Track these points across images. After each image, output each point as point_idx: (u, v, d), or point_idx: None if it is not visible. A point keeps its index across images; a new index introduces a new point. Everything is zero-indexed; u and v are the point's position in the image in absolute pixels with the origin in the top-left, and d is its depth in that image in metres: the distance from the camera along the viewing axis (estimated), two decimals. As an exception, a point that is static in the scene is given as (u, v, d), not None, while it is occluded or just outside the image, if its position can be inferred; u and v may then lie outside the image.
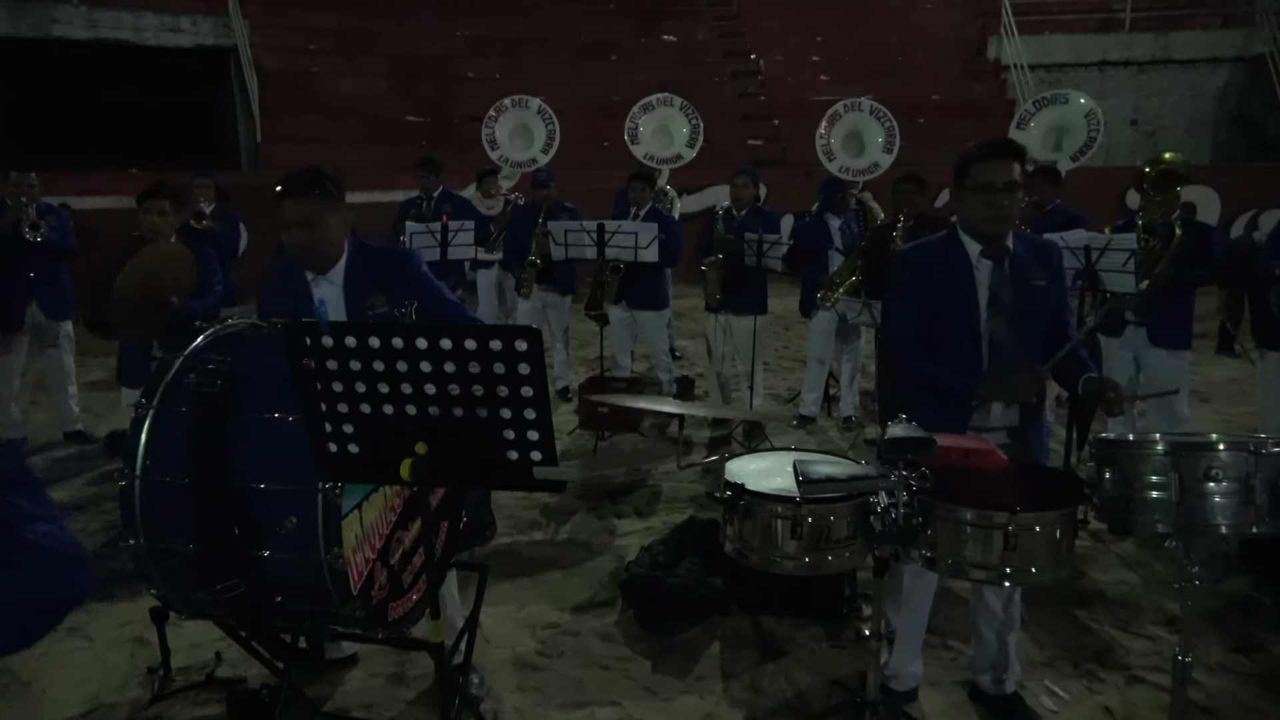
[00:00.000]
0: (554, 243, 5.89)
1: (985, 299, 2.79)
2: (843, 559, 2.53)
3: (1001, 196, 2.70)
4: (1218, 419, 6.32)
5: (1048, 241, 3.02)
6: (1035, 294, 2.80)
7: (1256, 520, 2.11)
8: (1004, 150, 2.75)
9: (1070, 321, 2.96)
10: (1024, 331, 2.79)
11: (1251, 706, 3.08)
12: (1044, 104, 7.75)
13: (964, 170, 2.78)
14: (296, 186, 2.76)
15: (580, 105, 13.83)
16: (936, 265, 2.84)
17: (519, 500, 4.84)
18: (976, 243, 2.80)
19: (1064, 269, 2.94)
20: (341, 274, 2.86)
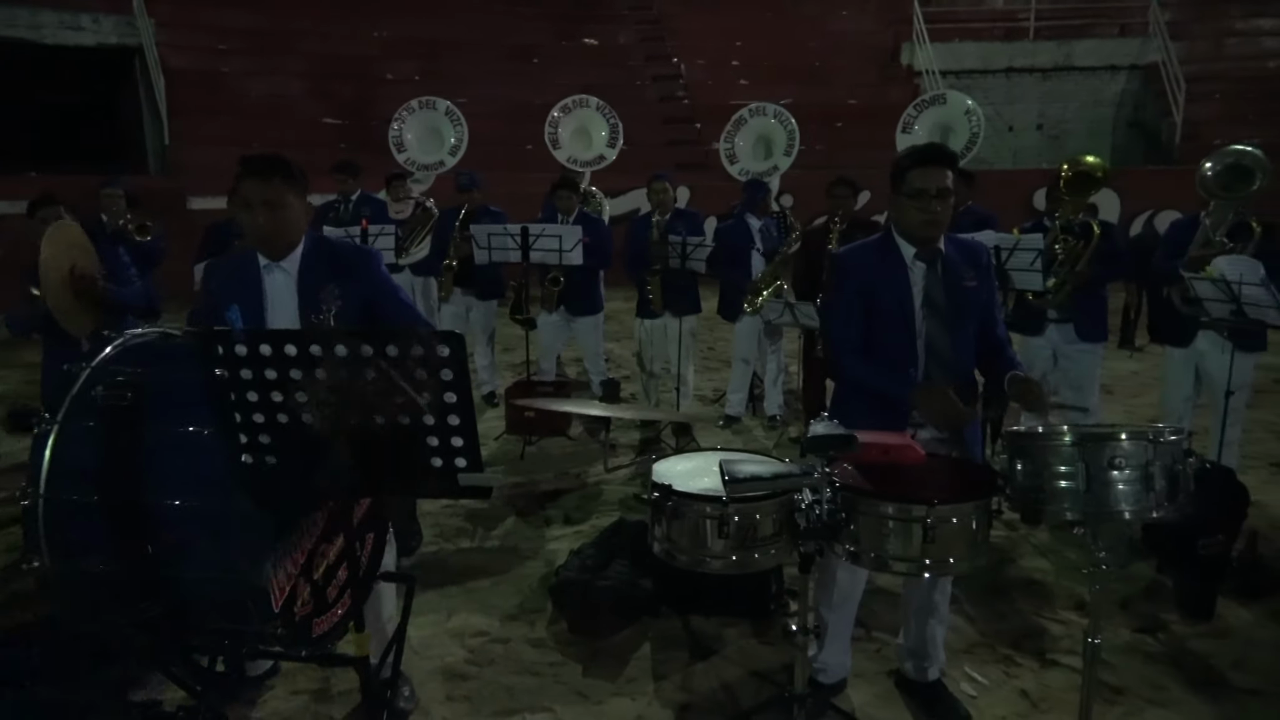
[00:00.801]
0: (476, 246, 5.85)
1: (920, 301, 2.86)
2: (769, 556, 2.56)
3: (934, 202, 2.78)
4: (1121, 410, 6.61)
5: (977, 243, 3.12)
6: (966, 295, 2.89)
7: (1156, 505, 2.22)
8: (936, 157, 2.83)
9: (999, 318, 3.05)
10: (957, 332, 2.88)
11: (1157, 684, 3.23)
12: (924, 106, 8.01)
13: (899, 176, 2.85)
14: (259, 166, 2.69)
15: (502, 108, 13.75)
16: (872, 267, 2.91)
17: (445, 508, 4.78)
18: (911, 245, 2.88)
19: (992, 269, 3.04)
20: (297, 262, 2.78)
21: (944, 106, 8.02)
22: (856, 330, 2.91)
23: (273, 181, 2.68)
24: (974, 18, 16.51)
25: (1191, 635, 3.55)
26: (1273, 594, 3.83)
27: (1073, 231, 4.70)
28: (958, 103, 7.97)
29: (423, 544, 4.39)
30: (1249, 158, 4.38)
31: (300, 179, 2.76)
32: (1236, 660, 3.37)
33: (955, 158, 2.89)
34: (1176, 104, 14.43)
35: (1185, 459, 2.25)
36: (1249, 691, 3.18)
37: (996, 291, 3.06)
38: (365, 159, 8.54)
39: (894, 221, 2.93)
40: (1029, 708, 3.11)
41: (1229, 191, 4.37)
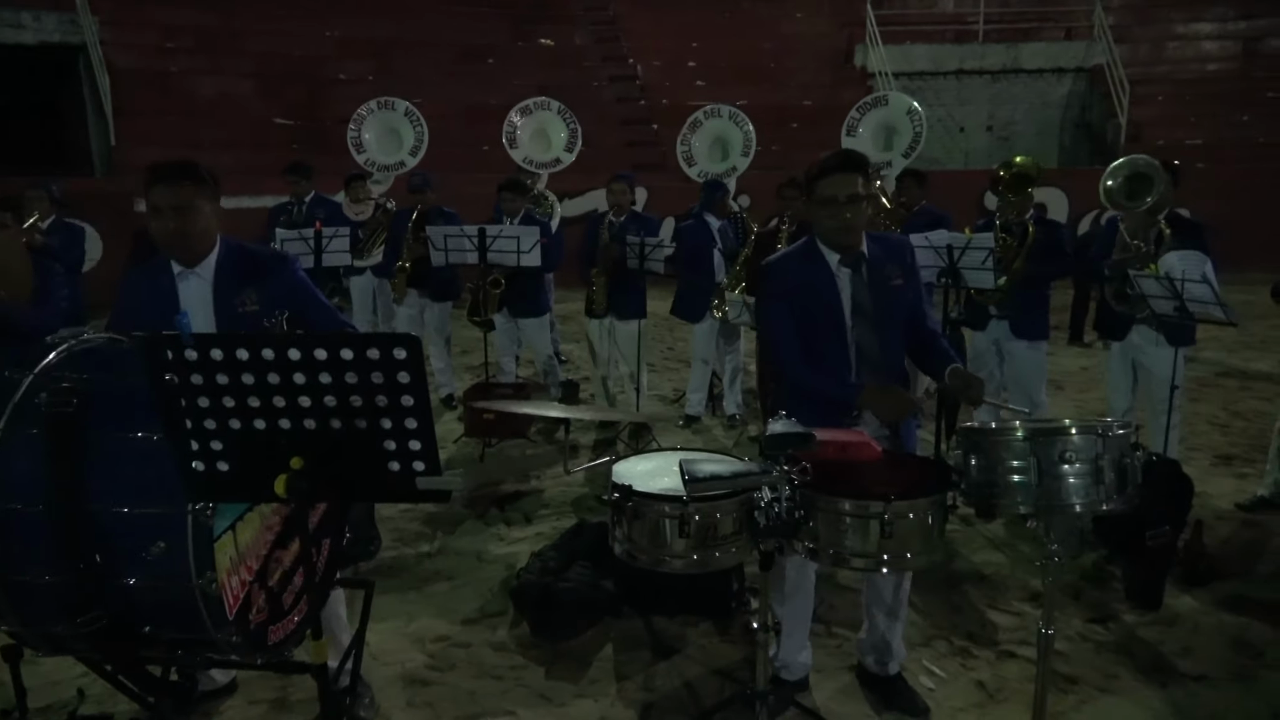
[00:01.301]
0: (433, 248, 5.80)
1: (849, 306, 2.90)
2: (730, 554, 2.58)
3: (844, 209, 2.80)
4: (1070, 405, 6.76)
5: (900, 240, 3.16)
6: (893, 294, 2.93)
7: (1105, 498, 2.27)
8: (845, 164, 2.84)
9: (930, 313, 3.10)
10: (886, 333, 2.92)
11: (1108, 672, 3.31)
12: (867, 109, 8.12)
13: (810, 185, 2.88)
14: (168, 172, 2.65)
15: (457, 109, 13.65)
16: (799, 275, 2.93)
17: (404, 512, 4.73)
18: (834, 251, 2.91)
19: (917, 265, 3.08)
20: (212, 269, 2.75)
21: (886, 108, 8.13)
22: (793, 336, 2.93)
23: (182, 186, 2.65)
24: (925, 20, 16.77)
25: (1141, 624, 3.64)
26: (1218, 582, 3.94)
27: (1010, 231, 4.81)
28: (900, 104, 8.09)
29: (381, 548, 4.33)
30: (1143, 163, 4.52)
31: (211, 183, 2.73)
32: (1184, 647, 3.46)
33: (865, 163, 2.90)
34: (1121, 105, 14.79)
35: (1133, 452, 2.31)
36: (1196, 678, 3.27)
37: (923, 286, 3.10)
38: (318, 160, 8.40)
39: (814, 229, 2.96)
40: (985, 698, 3.17)
41: (1134, 200, 4.49)
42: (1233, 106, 15.11)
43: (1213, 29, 16.59)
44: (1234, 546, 4.33)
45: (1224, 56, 16.29)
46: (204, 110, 13.30)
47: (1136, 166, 4.56)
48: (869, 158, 3.03)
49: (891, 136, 7.89)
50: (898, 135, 7.84)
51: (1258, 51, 16.11)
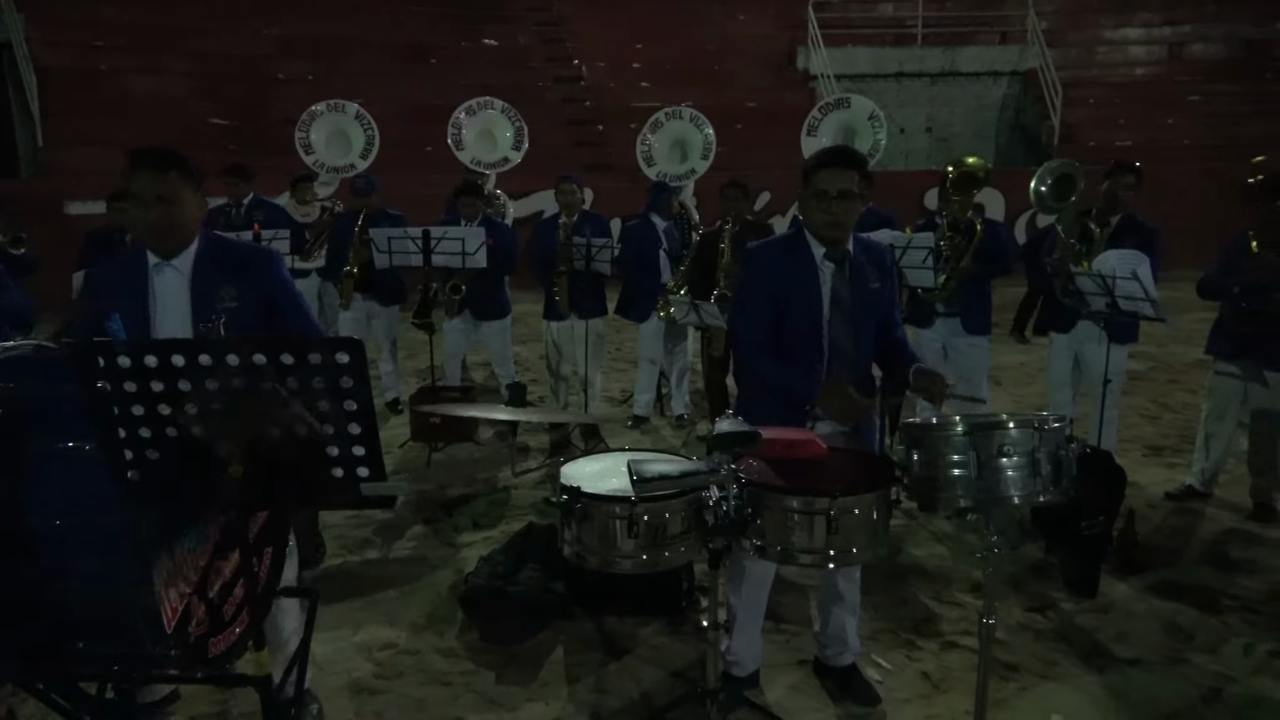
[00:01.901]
0: (377, 250, 5.73)
1: (828, 300, 2.93)
2: (679, 554, 2.59)
3: (834, 204, 2.84)
4: (1009, 400, 6.92)
5: (882, 245, 3.21)
6: (871, 295, 2.97)
7: (1042, 489, 2.33)
8: (840, 160, 2.88)
9: (899, 319, 3.15)
10: (860, 331, 2.96)
11: (1048, 659, 3.40)
12: (829, 109, 8.21)
13: (806, 177, 2.91)
14: (153, 159, 2.57)
15: (401, 109, 13.48)
16: (783, 264, 2.95)
17: (349, 519, 4.65)
18: (820, 245, 2.94)
19: (894, 271, 3.14)
20: (190, 262, 2.67)
21: (848, 110, 8.22)
22: (764, 327, 2.95)
23: (168, 175, 2.58)
24: (865, 24, 17.02)
25: (1078, 611, 3.74)
26: (1150, 569, 4.08)
27: (958, 229, 4.93)
28: (862, 107, 8.17)
29: (326, 556, 4.27)
30: (1066, 165, 4.72)
31: (196, 174, 2.67)
32: (1119, 633, 3.58)
33: (862, 160, 2.94)
34: (1054, 108, 15.20)
35: (1068, 445, 2.37)
36: (1131, 662, 3.38)
37: (896, 291, 3.16)
38: (258, 161, 8.25)
39: (804, 220, 3.00)
40: (930, 689, 3.23)
41: (1063, 200, 4.67)
42: (1159, 109, 15.63)
43: (1139, 34, 17.15)
44: (1165, 534, 4.49)
45: (1150, 61, 16.85)
46: (137, 110, 12.92)
47: (1064, 169, 4.73)
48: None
49: (851, 139, 7.98)
50: (858, 139, 7.92)
51: (1181, 56, 16.70)
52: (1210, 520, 4.65)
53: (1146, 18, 17.21)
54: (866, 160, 2.99)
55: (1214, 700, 3.14)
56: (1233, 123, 15.10)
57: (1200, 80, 16.15)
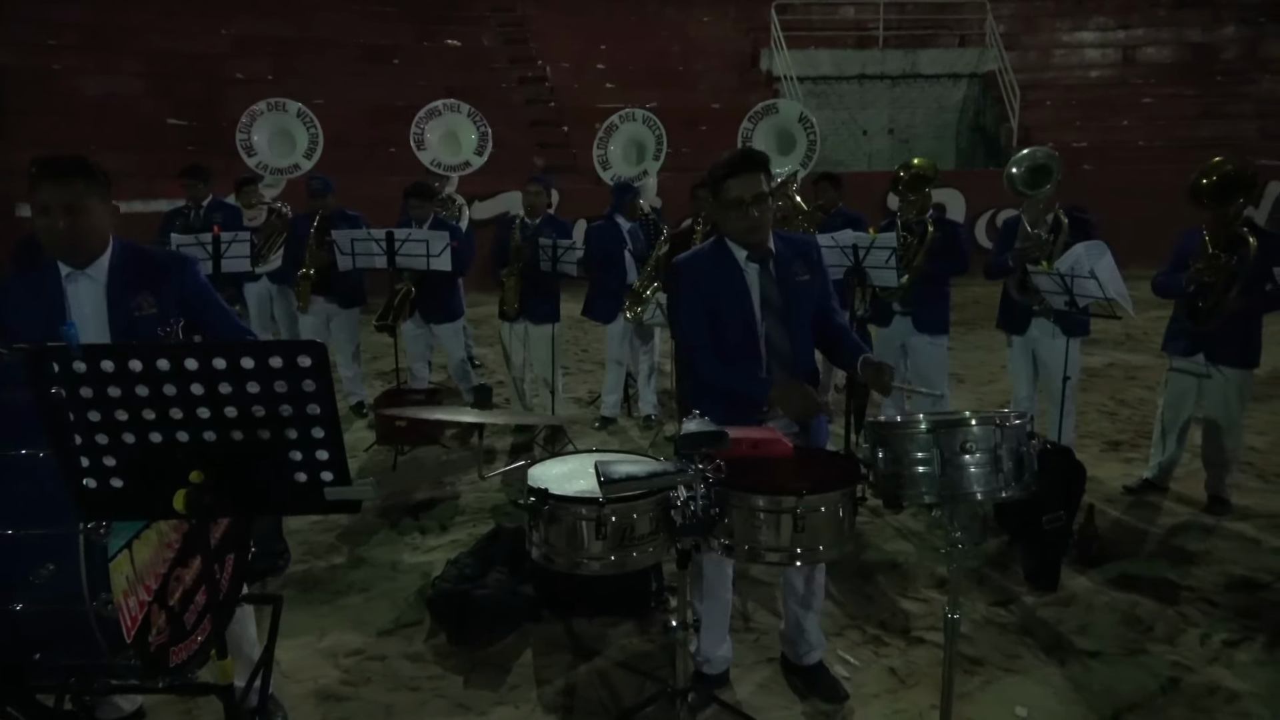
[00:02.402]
0: (339, 252, 5.67)
1: (759, 302, 2.94)
2: (647, 554, 2.59)
3: (751, 209, 2.85)
4: (972, 397, 7.02)
5: (806, 238, 3.23)
6: (801, 290, 2.99)
7: (1005, 485, 2.37)
8: (748, 164, 2.87)
9: (836, 307, 3.16)
10: (794, 328, 2.97)
11: (1011, 652, 3.45)
12: (759, 117, 8.27)
13: (715, 186, 2.91)
14: (56, 167, 2.52)
15: (362, 110, 13.35)
16: (709, 272, 2.96)
17: (313, 524, 4.60)
18: (742, 248, 2.95)
19: (823, 261, 3.15)
20: (105, 270, 2.62)
21: (778, 115, 8.28)
22: (705, 334, 2.96)
23: (74, 184, 2.54)
24: (827, 26, 17.16)
25: (1040, 605, 3.80)
26: (1109, 562, 4.15)
27: (911, 230, 4.99)
28: (790, 111, 8.24)
29: (291, 562, 4.21)
30: (1043, 155, 4.80)
31: (103, 181, 2.62)
32: (1080, 625, 3.64)
33: (765, 162, 2.93)
34: (1012, 110, 15.44)
35: (1029, 441, 2.41)
36: (1092, 654, 3.44)
37: (830, 282, 3.17)
38: (216, 162, 8.11)
39: (722, 229, 3.00)
40: (897, 684, 3.26)
41: (1035, 188, 4.75)
42: (1114, 111, 15.94)
43: (1095, 38, 17.48)
44: (1123, 527, 4.57)
45: (1105, 64, 17.18)
46: (90, 110, 12.65)
47: (1037, 159, 4.81)
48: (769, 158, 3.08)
49: (788, 143, 8.03)
50: (795, 142, 7.98)
51: (1135, 59, 17.05)
52: (1167, 513, 4.74)
53: (1101, 21, 17.55)
54: (769, 160, 2.99)
55: (1172, 690, 3.21)
56: (1184, 124, 15.45)
57: (1153, 83, 16.50)
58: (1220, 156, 4.61)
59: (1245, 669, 3.32)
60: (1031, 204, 4.77)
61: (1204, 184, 4.49)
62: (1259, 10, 16.91)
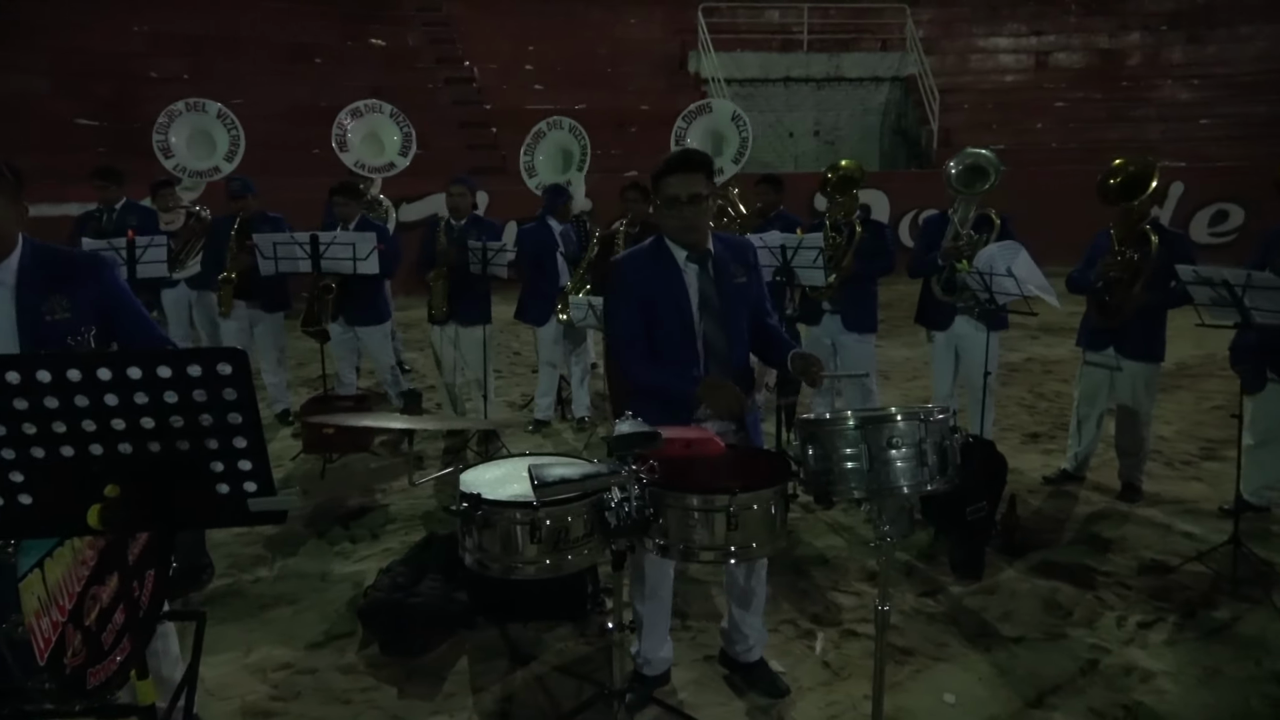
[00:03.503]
0: (261, 256, 5.52)
1: (696, 302, 2.97)
2: (583, 556, 2.58)
3: (687, 209, 2.88)
4: (897, 394, 7.18)
5: (744, 240, 3.27)
6: (737, 291, 3.02)
7: (930, 478, 2.42)
8: (686, 164, 2.90)
9: (771, 310, 3.21)
10: (731, 328, 3.00)
11: (939, 641, 3.54)
12: (693, 116, 8.35)
13: (655, 185, 2.94)
14: None
15: (284, 110, 13.04)
16: (648, 271, 2.98)
17: (238, 536, 4.47)
18: (682, 249, 2.98)
19: (760, 264, 3.20)
20: (14, 272, 2.49)
21: (712, 115, 8.36)
22: (638, 334, 2.98)
23: None
24: (753, 29, 17.38)
25: (966, 594, 3.91)
26: (1031, 551, 4.29)
27: (839, 230, 5.10)
28: (724, 111, 8.32)
29: (215, 576, 4.08)
30: (984, 159, 4.95)
31: (11, 180, 2.50)
32: (1005, 613, 3.75)
33: (707, 163, 2.96)
34: (932, 113, 15.85)
35: (952, 434, 2.47)
36: (1016, 639, 3.55)
37: (765, 285, 3.23)
38: (130, 164, 7.83)
39: (660, 227, 3.03)
40: (831, 676, 3.32)
41: (969, 188, 4.90)
42: (1028, 114, 16.51)
43: (1009, 43, 18.07)
44: (1043, 516, 4.74)
45: (1019, 69, 17.78)
46: (-7, 109, 12.09)
47: (978, 160, 4.96)
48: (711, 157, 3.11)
49: (720, 143, 8.11)
50: (726, 142, 8.06)
51: (1047, 64, 17.68)
52: (1084, 502, 4.93)
53: (1015, 28, 18.15)
54: (711, 161, 3.02)
55: (1091, 671, 3.33)
56: (1094, 127, 16.07)
57: (1064, 87, 17.13)
58: (1124, 157, 4.81)
59: (1158, 649, 3.47)
60: (964, 202, 4.91)
61: (1110, 183, 4.69)
62: (1161, 19, 17.70)
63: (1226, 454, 5.24)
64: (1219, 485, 4.99)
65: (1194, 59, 17.18)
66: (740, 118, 8.08)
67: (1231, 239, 13.51)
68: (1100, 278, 4.63)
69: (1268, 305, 3.74)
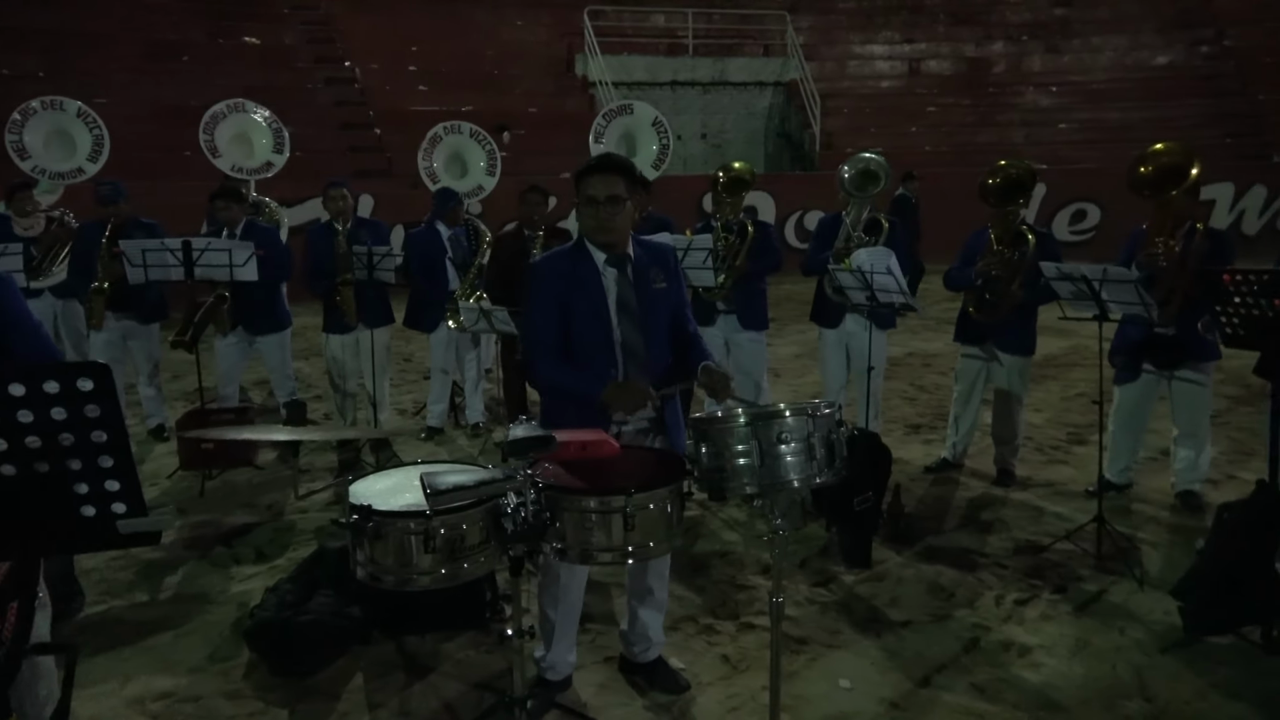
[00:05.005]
0: (129, 264, 5.21)
1: (615, 304, 2.97)
2: (479, 564, 2.54)
3: (602, 210, 2.89)
4: (788, 390, 7.36)
5: (666, 246, 3.29)
6: (657, 296, 3.04)
7: (819, 471, 2.49)
8: (605, 166, 2.93)
9: (690, 316, 3.23)
10: (650, 332, 3.02)
11: (832, 629, 3.65)
12: (613, 115, 8.38)
13: (576, 184, 2.95)
14: None
15: (153, 111, 12.43)
16: (567, 274, 2.97)
17: (110, 560, 4.23)
18: (600, 251, 2.98)
19: (680, 270, 3.23)
20: None
21: (631, 116, 8.39)
22: (554, 336, 2.97)
23: None
24: (639, 33, 17.54)
25: (856, 582, 4.04)
26: (916, 537, 4.47)
27: (731, 230, 5.20)
28: (645, 114, 8.36)
29: (86, 604, 3.84)
30: (875, 164, 5.14)
31: None
32: (892, 598, 3.90)
33: (627, 166, 3.00)
34: (814, 117, 16.34)
35: (838, 428, 2.55)
36: (903, 624, 3.69)
37: (685, 290, 3.26)
38: (-22, 167, 7.30)
39: (580, 227, 3.04)
40: (730, 670, 3.37)
41: (861, 191, 5.07)
42: (903, 119, 17.22)
43: (884, 50, 18.81)
44: (926, 504, 4.94)
45: (894, 75, 18.52)
46: None
47: (870, 165, 5.12)
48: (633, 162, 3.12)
49: (635, 145, 8.14)
50: (642, 145, 8.09)
51: (920, 71, 18.48)
52: (964, 488, 5.17)
53: (889, 35, 18.91)
54: (632, 166, 3.05)
55: (973, 649, 3.49)
56: (963, 131, 16.88)
57: (935, 93, 17.94)
58: (1004, 160, 5.06)
59: (1034, 624, 3.66)
60: (857, 205, 5.07)
61: (990, 185, 4.92)
62: (1022, 29, 18.75)
63: (1091, 438, 5.58)
64: (1084, 468, 5.31)
65: (1052, 68, 18.28)
66: (660, 122, 8.11)
67: (1090, 236, 14.44)
68: (981, 275, 4.86)
69: (1121, 298, 4.03)
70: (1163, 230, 4.37)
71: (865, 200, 5.06)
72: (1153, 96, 16.74)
